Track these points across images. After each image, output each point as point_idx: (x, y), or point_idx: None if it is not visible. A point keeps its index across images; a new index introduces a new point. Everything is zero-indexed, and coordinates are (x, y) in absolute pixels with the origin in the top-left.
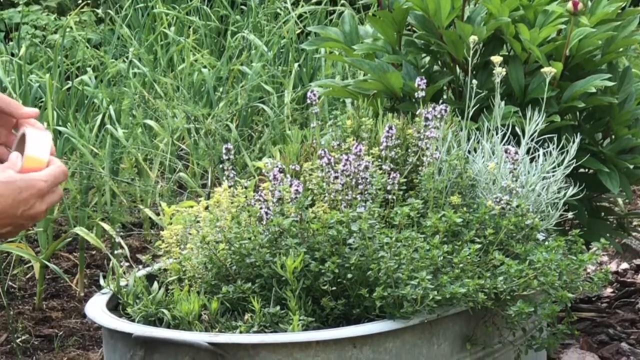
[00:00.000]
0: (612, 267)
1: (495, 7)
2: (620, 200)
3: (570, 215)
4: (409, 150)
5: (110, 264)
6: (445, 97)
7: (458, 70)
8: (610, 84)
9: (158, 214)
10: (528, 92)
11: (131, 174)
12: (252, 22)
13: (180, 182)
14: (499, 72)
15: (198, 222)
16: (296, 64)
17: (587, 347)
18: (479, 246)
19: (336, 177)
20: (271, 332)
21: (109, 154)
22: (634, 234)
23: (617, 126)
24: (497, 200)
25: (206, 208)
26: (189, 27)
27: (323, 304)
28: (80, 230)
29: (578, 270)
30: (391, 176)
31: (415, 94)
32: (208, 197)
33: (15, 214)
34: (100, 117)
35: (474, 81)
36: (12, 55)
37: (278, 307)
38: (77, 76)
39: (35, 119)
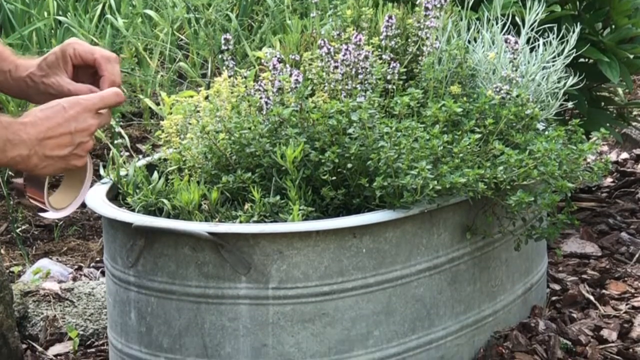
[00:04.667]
0: (612, 156)
1: None
2: (620, 90)
3: (570, 105)
4: (409, 40)
5: (110, 154)
6: None
7: None
8: None
9: (158, 104)
10: None
11: (131, 63)
12: None
13: (180, 71)
14: None
15: (198, 111)
16: None
17: (587, 236)
18: (478, 136)
19: (336, 67)
20: (271, 222)
21: (109, 43)
22: (633, 123)
23: (617, 16)
24: (497, 89)
25: (206, 98)
26: None
27: (323, 194)
28: None
29: (578, 159)
30: (391, 66)
31: None
32: (208, 87)
33: (69, 130)
34: (100, 6)
35: None
36: None
37: (278, 197)
38: None
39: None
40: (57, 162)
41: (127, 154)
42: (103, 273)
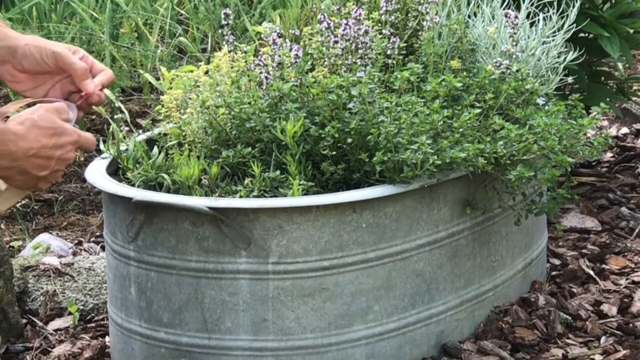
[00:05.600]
0: (612, 131)
1: None
2: (620, 65)
3: (570, 79)
4: (409, 15)
5: (110, 129)
6: None
7: None
8: None
9: (158, 79)
10: None
11: (131, 38)
12: None
13: (180, 46)
14: None
15: (198, 86)
16: None
17: (587, 211)
18: (479, 111)
19: (336, 42)
20: (271, 196)
21: (109, 18)
22: (633, 98)
23: None
24: (497, 64)
25: (206, 73)
26: None
27: (323, 169)
28: None
29: (578, 134)
30: (391, 40)
31: None
32: (208, 62)
33: (55, 155)
34: None
35: None
36: None
37: (278, 172)
38: None
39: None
40: (31, 180)
41: (127, 128)
42: (103, 248)
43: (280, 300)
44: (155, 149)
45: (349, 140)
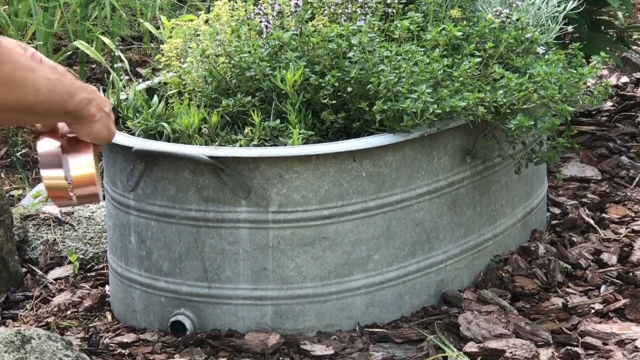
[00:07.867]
0: (612, 80)
1: None
2: (620, 14)
3: (570, 28)
4: None
5: (110, 78)
6: None
7: None
8: None
9: (158, 28)
10: None
11: None
12: None
13: None
14: None
15: (198, 35)
16: None
17: (587, 160)
18: (479, 60)
19: None
20: (271, 145)
21: None
22: (633, 47)
23: None
24: (497, 13)
25: (206, 22)
26: None
27: (323, 118)
28: (80, 44)
29: (578, 83)
30: None
31: None
32: (208, 11)
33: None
34: None
35: None
36: None
37: (278, 121)
38: None
39: None
40: (106, 118)
41: (127, 77)
42: (103, 197)
43: (280, 249)
44: (155, 98)
45: (349, 89)
